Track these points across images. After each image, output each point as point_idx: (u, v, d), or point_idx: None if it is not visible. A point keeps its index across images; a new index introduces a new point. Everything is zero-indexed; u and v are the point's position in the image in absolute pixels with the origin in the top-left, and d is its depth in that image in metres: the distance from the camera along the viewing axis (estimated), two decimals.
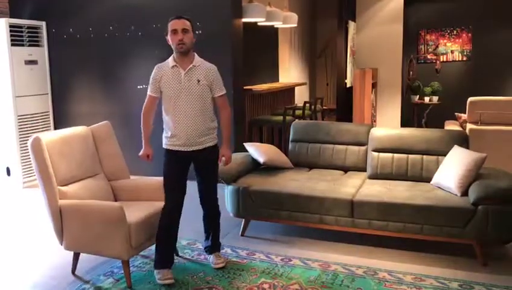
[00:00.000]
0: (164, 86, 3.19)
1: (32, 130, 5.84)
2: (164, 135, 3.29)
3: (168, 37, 3.19)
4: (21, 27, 5.85)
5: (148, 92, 3.29)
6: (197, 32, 5.53)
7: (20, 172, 5.76)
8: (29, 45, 5.97)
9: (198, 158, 3.27)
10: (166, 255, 3.27)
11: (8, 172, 5.88)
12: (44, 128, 6.07)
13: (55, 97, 6.35)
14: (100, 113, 6.01)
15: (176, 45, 3.13)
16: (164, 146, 3.29)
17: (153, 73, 3.27)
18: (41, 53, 6.14)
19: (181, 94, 3.15)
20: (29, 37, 5.96)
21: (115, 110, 6.03)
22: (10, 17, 6.13)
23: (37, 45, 6.09)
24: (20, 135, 5.74)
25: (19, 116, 5.77)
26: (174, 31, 3.14)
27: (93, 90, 6.23)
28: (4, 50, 5.63)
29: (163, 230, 3.24)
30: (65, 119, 6.29)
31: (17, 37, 5.77)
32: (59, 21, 6.20)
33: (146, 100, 3.33)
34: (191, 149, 3.21)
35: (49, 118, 6.25)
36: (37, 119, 6.07)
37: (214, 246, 3.52)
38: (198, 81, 3.19)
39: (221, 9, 5.44)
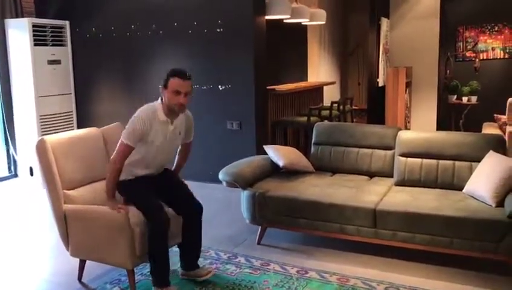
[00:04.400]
0: (149, 138, 3.01)
1: (54, 130, 5.82)
2: (126, 174, 3.10)
3: (166, 92, 2.98)
4: (45, 27, 5.83)
5: (126, 141, 2.96)
6: (218, 30, 5.41)
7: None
8: (53, 45, 5.95)
9: (160, 177, 3.23)
10: (166, 272, 3.04)
11: (31, 172, 5.88)
12: (67, 128, 6.04)
13: (78, 97, 6.33)
14: (123, 112, 5.90)
15: (176, 106, 2.98)
16: (128, 177, 3.11)
17: (140, 123, 2.96)
18: (65, 53, 6.11)
19: (163, 146, 3.10)
20: (52, 36, 5.94)
21: (136, 109, 5.93)
22: (36, 17, 6.13)
23: (61, 45, 6.07)
24: (42, 135, 5.71)
25: (41, 116, 5.76)
26: (177, 92, 2.95)
27: (116, 90, 6.17)
28: (27, 50, 5.62)
29: (159, 250, 2.98)
30: (88, 119, 6.25)
31: (40, 37, 5.76)
32: (82, 20, 6.17)
33: (120, 148, 2.98)
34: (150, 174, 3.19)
35: (72, 117, 6.23)
36: (60, 119, 6.05)
37: (195, 261, 3.27)
38: (180, 133, 3.19)
39: (242, 5, 5.24)
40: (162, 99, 3.04)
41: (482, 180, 3.38)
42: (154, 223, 2.94)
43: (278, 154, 4.17)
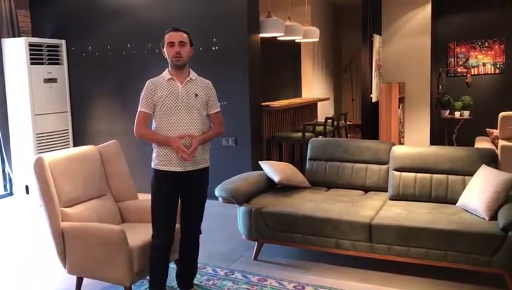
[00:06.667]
0: (159, 100, 2.92)
1: (51, 148, 5.84)
2: (155, 154, 2.98)
3: (164, 50, 2.98)
4: (41, 46, 5.89)
5: (140, 108, 2.98)
6: (213, 48, 5.49)
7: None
8: (49, 63, 6.00)
9: (191, 181, 3.00)
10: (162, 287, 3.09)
11: (27, 190, 5.88)
12: (63, 146, 6.06)
13: (74, 115, 6.36)
14: (119, 130, 5.97)
15: (173, 57, 2.93)
16: (154, 166, 2.98)
17: (145, 87, 2.97)
18: (61, 71, 6.16)
19: (178, 109, 2.92)
20: (48, 55, 5.99)
21: (133, 127, 5.96)
22: (32, 36, 6.19)
23: (57, 63, 6.12)
24: (38, 153, 5.73)
25: (37, 134, 5.78)
26: (171, 44, 2.93)
27: (112, 108, 6.21)
28: (23, 69, 5.66)
29: (157, 268, 3.03)
30: (84, 136, 6.28)
31: (36, 56, 5.81)
32: (78, 39, 6.23)
33: (137, 118, 3.00)
34: (186, 170, 2.94)
35: (68, 135, 6.25)
36: (56, 137, 6.07)
37: (191, 280, 3.27)
38: (196, 95, 2.98)
39: (237, 24, 5.33)
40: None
41: (475, 194, 3.42)
42: (156, 238, 2.99)
43: (273, 169, 4.21)
